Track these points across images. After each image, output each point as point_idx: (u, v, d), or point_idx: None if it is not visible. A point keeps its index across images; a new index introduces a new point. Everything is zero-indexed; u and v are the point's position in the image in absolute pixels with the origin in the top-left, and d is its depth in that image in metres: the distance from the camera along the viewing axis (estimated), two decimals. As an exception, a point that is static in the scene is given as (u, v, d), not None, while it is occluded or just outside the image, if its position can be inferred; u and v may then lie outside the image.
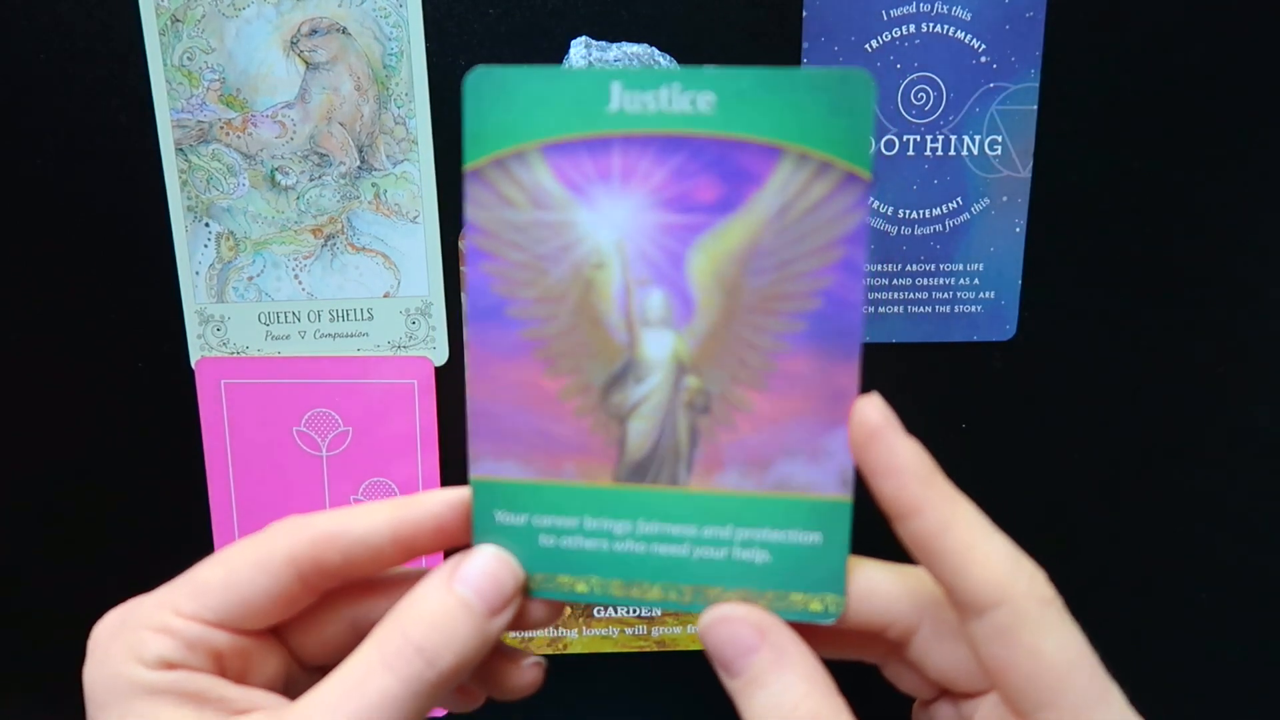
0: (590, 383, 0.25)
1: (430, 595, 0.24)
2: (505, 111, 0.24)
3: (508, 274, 0.25)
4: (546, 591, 0.26)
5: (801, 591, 0.25)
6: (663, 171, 0.24)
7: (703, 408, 0.25)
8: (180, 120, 0.45)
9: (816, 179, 0.24)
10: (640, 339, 0.25)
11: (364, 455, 0.49)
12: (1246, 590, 0.53)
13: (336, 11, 0.44)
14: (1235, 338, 0.50)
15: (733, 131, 0.24)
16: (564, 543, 0.26)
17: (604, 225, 0.24)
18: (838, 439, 0.25)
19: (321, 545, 0.24)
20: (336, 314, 0.48)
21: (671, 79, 0.24)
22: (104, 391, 0.48)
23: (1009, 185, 0.47)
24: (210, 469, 0.49)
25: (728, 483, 0.25)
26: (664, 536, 0.25)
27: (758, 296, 0.24)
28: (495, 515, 0.26)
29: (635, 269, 0.25)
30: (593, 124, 0.24)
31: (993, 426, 0.50)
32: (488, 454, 0.26)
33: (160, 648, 0.23)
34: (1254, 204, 0.48)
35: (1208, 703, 0.55)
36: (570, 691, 0.53)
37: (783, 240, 0.24)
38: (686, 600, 0.26)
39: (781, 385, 0.25)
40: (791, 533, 0.25)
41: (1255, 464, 0.52)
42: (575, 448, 0.25)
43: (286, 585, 0.24)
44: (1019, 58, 0.46)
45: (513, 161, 0.24)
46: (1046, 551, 0.53)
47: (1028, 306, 0.49)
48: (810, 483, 0.25)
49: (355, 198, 0.46)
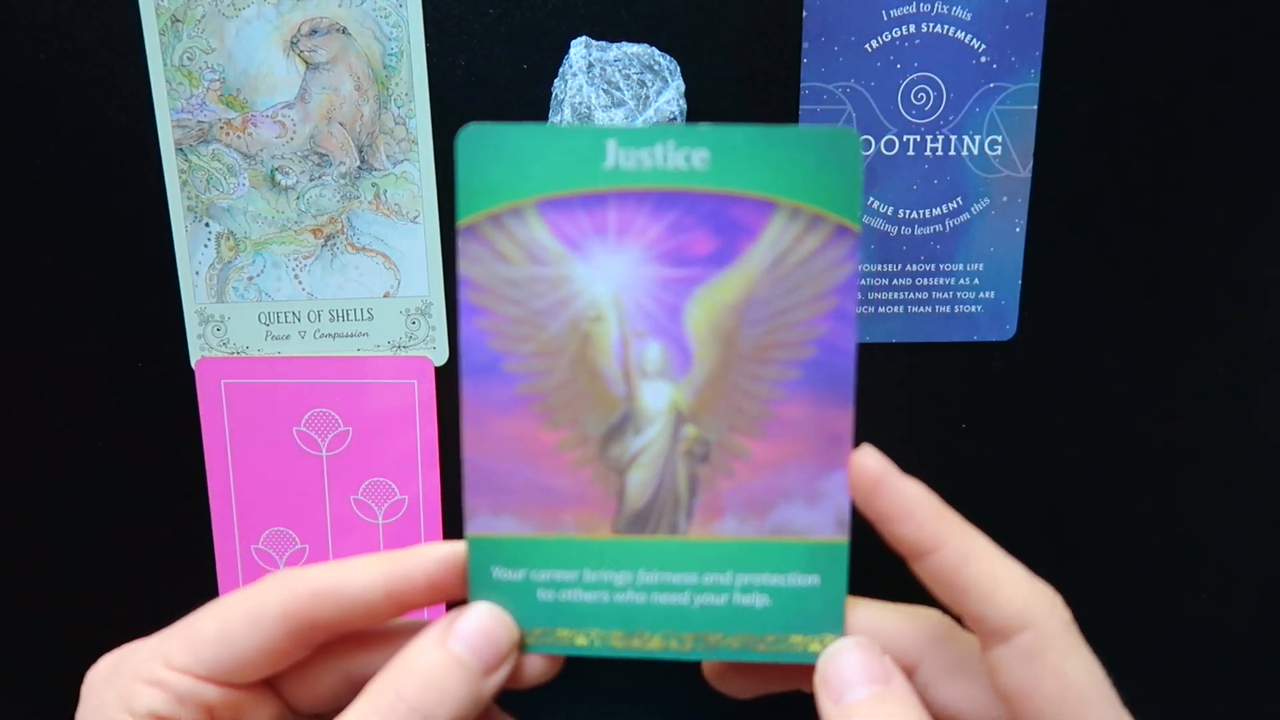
0: (589, 434, 0.25)
1: (425, 653, 0.24)
2: (500, 168, 0.24)
3: (504, 329, 0.25)
4: (545, 646, 0.26)
5: (801, 634, 0.26)
6: (658, 226, 0.25)
7: (701, 456, 0.25)
8: (180, 120, 0.45)
9: (809, 232, 0.24)
10: (638, 390, 0.25)
11: (364, 455, 0.49)
12: (1246, 590, 0.53)
13: (336, 11, 0.44)
14: (1235, 338, 0.50)
15: (726, 187, 0.24)
16: (563, 596, 0.26)
17: (600, 279, 0.25)
18: (834, 482, 0.25)
19: (315, 600, 0.24)
20: (336, 314, 0.48)
21: (666, 136, 0.24)
22: (104, 391, 0.48)
23: (1009, 185, 0.47)
24: (210, 469, 0.49)
25: (727, 529, 0.25)
26: (664, 586, 0.26)
27: (753, 346, 0.25)
28: (492, 572, 0.26)
29: (632, 321, 0.25)
30: (588, 180, 0.24)
31: (993, 426, 0.50)
32: (484, 510, 0.26)
33: (151, 701, 0.23)
34: (1254, 204, 0.48)
35: (1208, 703, 0.55)
36: (570, 691, 0.53)
37: (777, 291, 0.25)
38: (687, 649, 0.26)
39: (778, 432, 0.25)
40: (790, 576, 0.26)
41: (1255, 464, 0.52)
42: (574, 500, 0.26)
43: (278, 640, 0.24)
44: (1019, 58, 0.46)
45: (508, 217, 0.25)
46: (1047, 552, 0.53)
47: (1028, 306, 0.49)
48: (808, 526, 0.25)
49: (355, 198, 0.46)
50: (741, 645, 0.26)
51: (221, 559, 0.50)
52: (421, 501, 0.50)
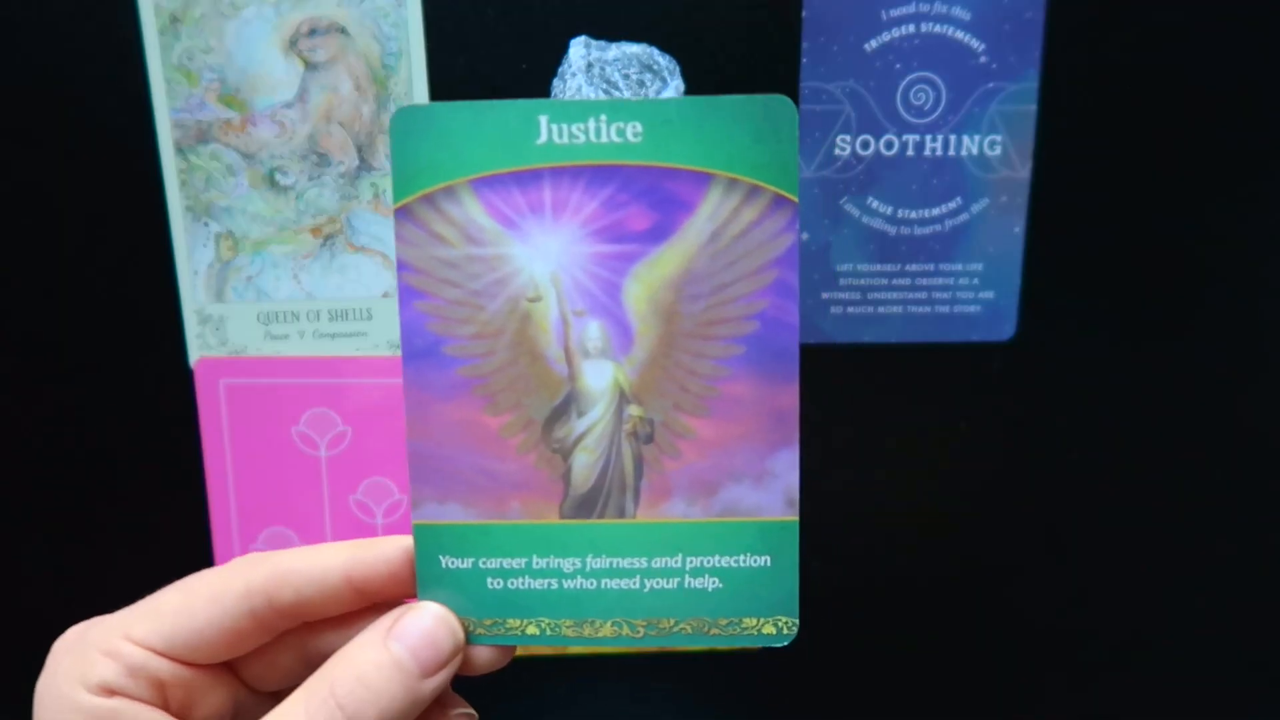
0: (532, 417, 0.25)
1: (363, 650, 0.24)
2: (433, 148, 0.24)
3: (443, 311, 0.25)
4: (495, 637, 0.26)
5: (754, 616, 0.25)
6: (594, 202, 0.24)
7: (647, 437, 0.25)
8: (179, 120, 0.45)
9: (746, 204, 0.24)
10: (580, 370, 0.25)
11: (363, 455, 0.49)
12: (1246, 590, 0.53)
13: (336, 11, 0.44)
14: (1235, 338, 0.50)
15: (661, 160, 0.24)
16: (512, 584, 0.25)
17: (538, 258, 0.25)
18: (782, 460, 0.25)
19: (276, 581, 0.24)
20: (336, 314, 0.48)
21: (599, 110, 0.24)
22: (104, 391, 0.48)
23: (1009, 185, 0.47)
24: (210, 469, 0.49)
25: (675, 511, 0.25)
26: (614, 571, 0.25)
27: (695, 322, 0.25)
28: (440, 560, 0.25)
29: (571, 300, 0.25)
30: (522, 157, 0.24)
31: (993, 426, 0.50)
32: (430, 497, 0.25)
33: (104, 672, 0.24)
34: (1254, 204, 0.48)
35: (1208, 702, 0.55)
36: (570, 692, 0.53)
37: (716, 265, 0.24)
38: (639, 634, 0.26)
39: (724, 410, 0.25)
40: (741, 557, 0.25)
41: (1255, 464, 0.52)
42: (520, 485, 0.25)
43: (239, 620, 0.24)
44: (1019, 58, 0.45)
45: (442, 198, 0.24)
46: (1046, 551, 0.53)
47: (1028, 306, 0.49)
48: (757, 506, 0.25)
49: (354, 197, 0.46)
50: (694, 630, 0.25)
51: (220, 559, 0.50)
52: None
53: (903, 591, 0.53)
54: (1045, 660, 0.54)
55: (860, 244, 0.47)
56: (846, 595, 0.52)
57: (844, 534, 0.52)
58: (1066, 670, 0.54)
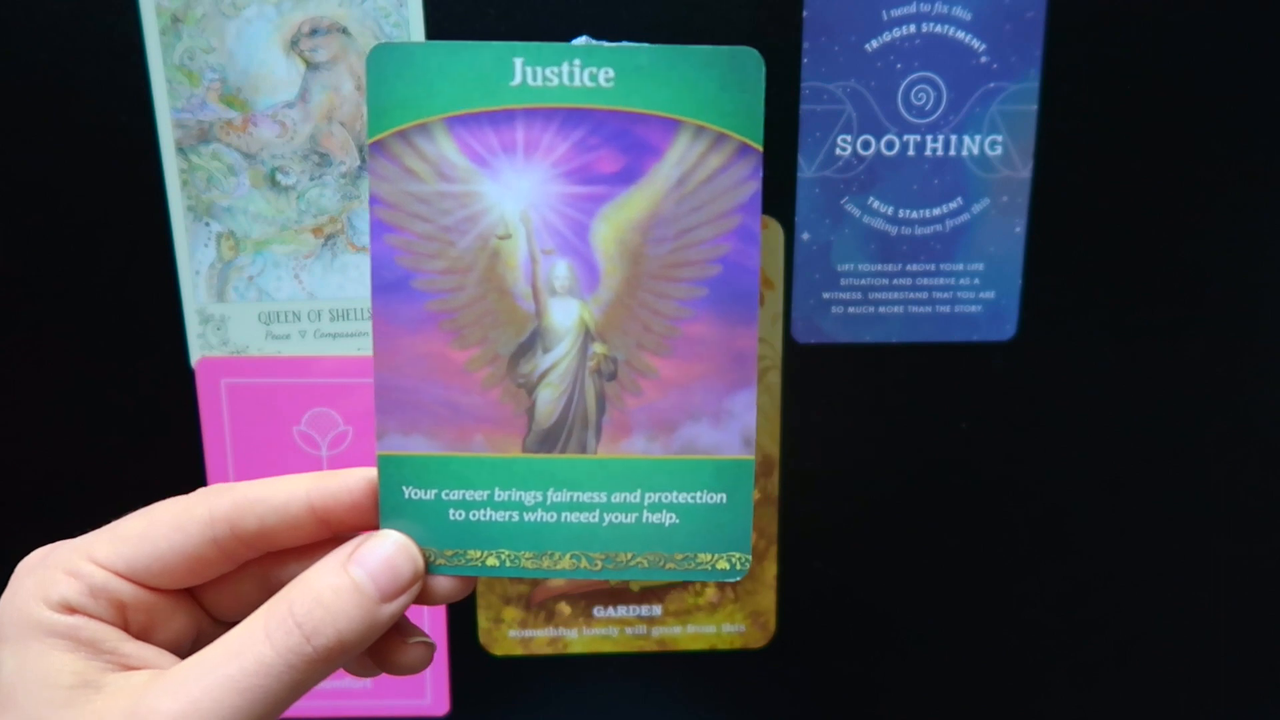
0: (498, 352, 0.26)
1: (324, 574, 0.24)
2: (409, 85, 0.25)
3: (413, 246, 0.25)
4: (456, 568, 0.26)
5: (709, 551, 0.26)
6: (565, 144, 0.25)
7: (610, 374, 0.26)
8: (180, 120, 0.45)
9: (712, 150, 0.25)
10: (547, 308, 0.26)
11: (364, 455, 0.49)
12: (1246, 590, 0.53)
13: (337, 11, 0.44)
14: (1235, 338, 0.50)
15: (632, 105, 0.25)
16: (474, 516, 0.26)
17: (509, 196, 0.25)
18: (740, 401, 0.26)
19: (238, 509, 0.25)
20: (337, 314, 0.48)
21: (573, 55, 0.25)
22: (104, 391, 0.48)
23: (1009, 185, 0.47)
24: (210, 469, 0.49)
25: (635, 448, 0.26)
26: (574, 505, 0.26)
27: (660, 264, 0.25)
28: (403, 491, 0.26)
29: (540, 239, 0.25)
30: (496, 98, 0.25)
31: (993, 426, 0.50)
32: (394, 429, 0.26)
33: (65, 590, 0.24)
34: (1254, 203, 0.48)
35: (1208, 703, 0.55)
36: (570, 691, 0.53)
37: (682, 209, 0.25)
38: (597, 568, 0.26)
39: (685, 350, 0.26)
40: (698, 494, 0.26)
41: (1255, 464, 0.52)
42: (484, 419, 0.26)
43: (200, 546, 0.25)
44: (1019, 58, 0.46)
45: (416, 134, 0.25)
46: (1046, 551, 0.53)
47: (1028, 306, 0.49)
48: (715, 444, 0.26)
49: (356, 197, 0.46)
50: (651, 564, 0.26)
51: (221, 559, 0.50)
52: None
53: (903, 591, 0.53)
54: (1045, 660, 0.54)
55: (861, 244, 0.47)
56: (846, 594, 0.52)
57: (844, 533, 0.52)
58: (1066, 670, 0.54)
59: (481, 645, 0.52)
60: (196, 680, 0.23)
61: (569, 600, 0.51)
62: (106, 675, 0.24)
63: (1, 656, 0.24)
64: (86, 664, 0.23)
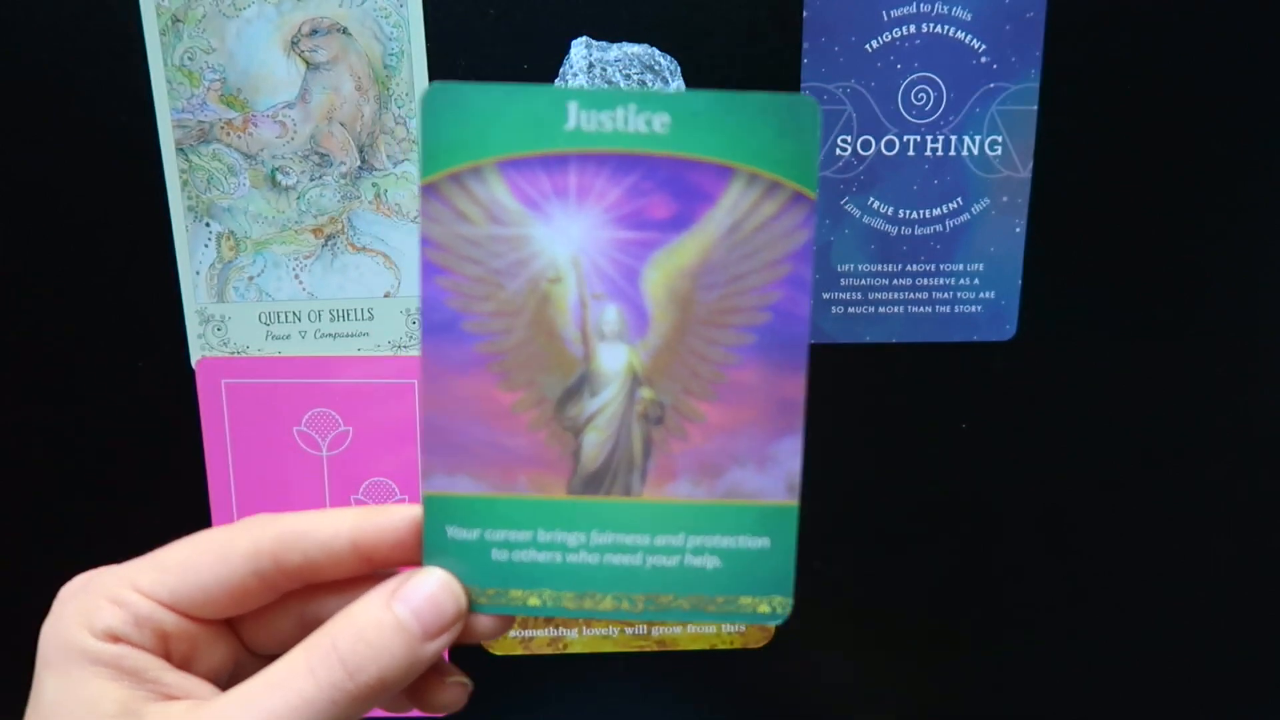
0: (545, 395, 0.26)
1: (368, 609, 0.24)
2: (463, 128, 0.25)
3: (463, 288, 0.25)
4: (498, 606, 0.26)
5: (750, 595, 0.26)
6: (618, 189, 0.25)
7: (656, 419, 0.26)
8: (181, 120, 0.45)
9: (766, 198, 0.25)
10: (595, 352, 0.26)
11: (364, 455, 0.49)
12: (1247, 590, 0.53)
13: (337, 11, 0.44)
14: (1235, 338, 0.50)
15: (686, 152, 0.25)
16: (517, 556, 0.26)
17: (560, 240, 0.25)
18: (785, 447, 0.26)
19: (282, 543, 0.25)
20: (337, 314, 0.48)
21: (628, 100, 0.25)
22: (104, 391, 0.48)
23: (1009, 185, 0.47)
24: (210, 469, 0.49)
25: (680, 492, 0.26)
26: (617, 547, 0.26)
27: (709, 310, 0.25)
28: (447, 531, 0.26)
29: (591, 283, 0.25)
30: (550, 142, 0.25)
31: (993, 426, 0.50)
32: (440, 469, 0.26)
33: (110, 619, 0.24)
34: (1254, 203, 0.48)
35: (1208, 703, 0.55)
36: (570, 691, 0.53)
37: (733, 256, 0.25)
38: (639, 609, 0.26)
39: (732, 396, 0.26)
40: (741, 538, 0.26)
41: (1255, 464, 0.52)
42: (529, 460, 0.26)
43: (243, 578, 0.25)
44: (1019, 58, 0.46)
45: (469, 177, 0.25)
46: (1046, 551, 0.53)
47: (1028, 306, 0.49)
48: (759, 489, 0.26)
49: (356, 198, 0.46)
50: (692, 606, 0.26)
51: (222, 559, 0.50)
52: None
53: (903, 591, 0.53)
54: (1045, 660, 0.54)
55: (861, 244, 0.48)
56: (846, 594, 0.52)
57: (844, 533, 0.52)
58: (1066, 670, 0.54)
59: (481, 645, 0.52)
60: (238, 712, 0.23)
61: (569, 600, 0.51)
62: (148, 705, 0.24)
63: (45, 682, 0.24)
64: (130, 693, 0.24)
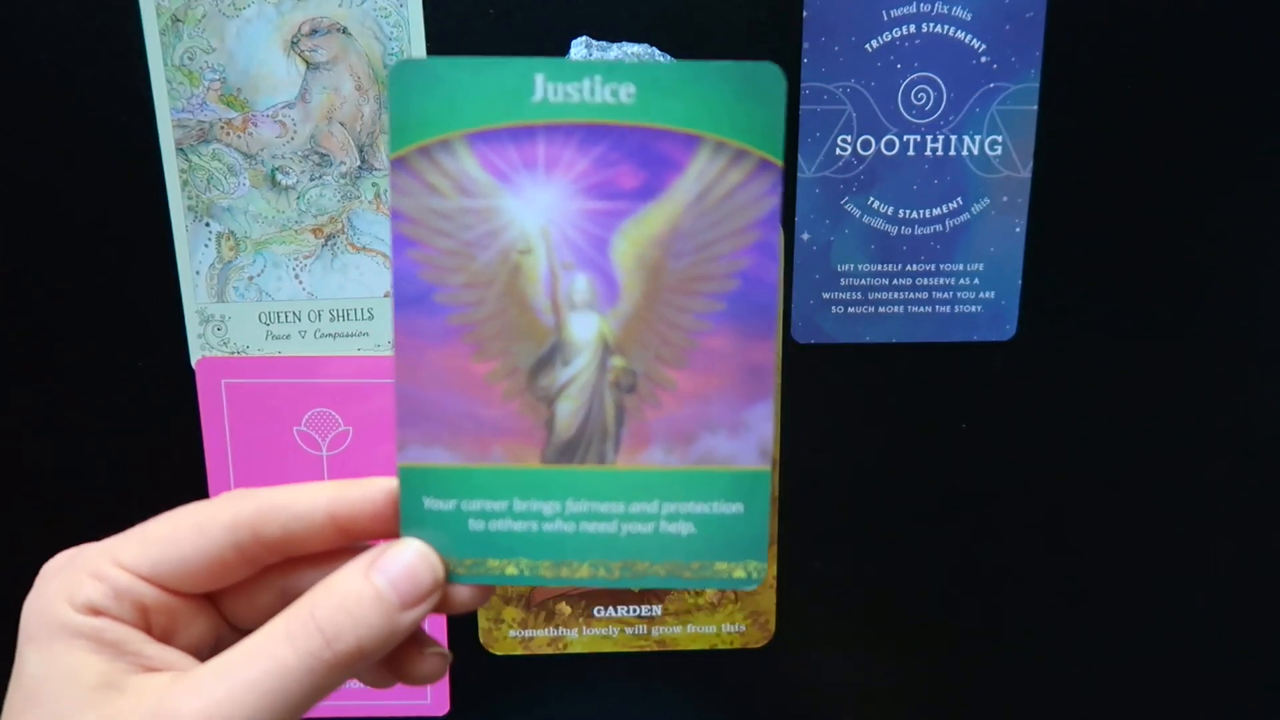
0: (518, 365, 0.26)
1: (346, 579, 0.25)
2: (431, 101, 0.25)
3: (435, 260, 0.26)
4: (476, 576, 0.26)
5: (726, 560, 0.26)
6: (586, 159, 0.25)
7: (628, 387, 0.26)
8: (181, 120, 0.45)
9: (732, 166, 0.25)
10: (567, 322, 0.26)
11: (364, 455, 0.49)
12: (1247, 590, 0.53)
13: (337, 11, 0.44)
14: (1235, 338, 0.50)
15: (653, 121, 0.25)
16: (493, 526, 0.26)
17: (530, 211, 0.25)
18: (757, 413, 0.26)
19: (261, 515, 0.25)
20: (337, 314, 0.48)
21: (594, 71, 0.25)
22: (104, 391, 0.48)
23: (1009, 185, 0.47)
24: (210, 469, 0.49)
25: (653, 459, 0.26)
26: (592, 514, 0.26)
27: (679, 278, 0.26)
28: (424, 502, 0.26)
29: (561, 254, 0.26)
30: (517, 114, 0.25)
31: (993, 426, 0.50)
32: (415, 440, 0.26)
33: (91, 592, 0.24)
34: (1254, 204, 0.48)
35: (1208, 703, 0.55)
36: (570, 691, 0.53)
37: (702, 224, 0.25)
38: (615, 576, 0.26)
39: (703, 363, 0.26)
40: (715, 504, 0.26)
41: (1255, 464, 0.52)
42: (503, 430, 0.26)
43: (222, 550, 0.25)
44: (1019, 58, 0.46)
45: (438, 150, 0.25)
46: (1046, 551, 0.53)
47: (1028, 306, 0.49)
48: (731, 455, 0.26)
49: (356, 197, 0.46)
50: (668, 572, 0.26)
51: (222, 559, 0.50)
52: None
53: (903, 591, 0.53)
54: (1045, 660, 0.54)
55: (861, 244, 0.48)
56: (846, 594, 0.52)
57: (844, 533, 0.52)
58: (1066, 670, 0.54)
59: (482, 645, 0.52)
60: (218, 681, 0.23)
61: (569, 600, 0.51)
62: (129, 676, 0.24)
63: (26, 655, 0.24)
64: (110, 665, 0.24)
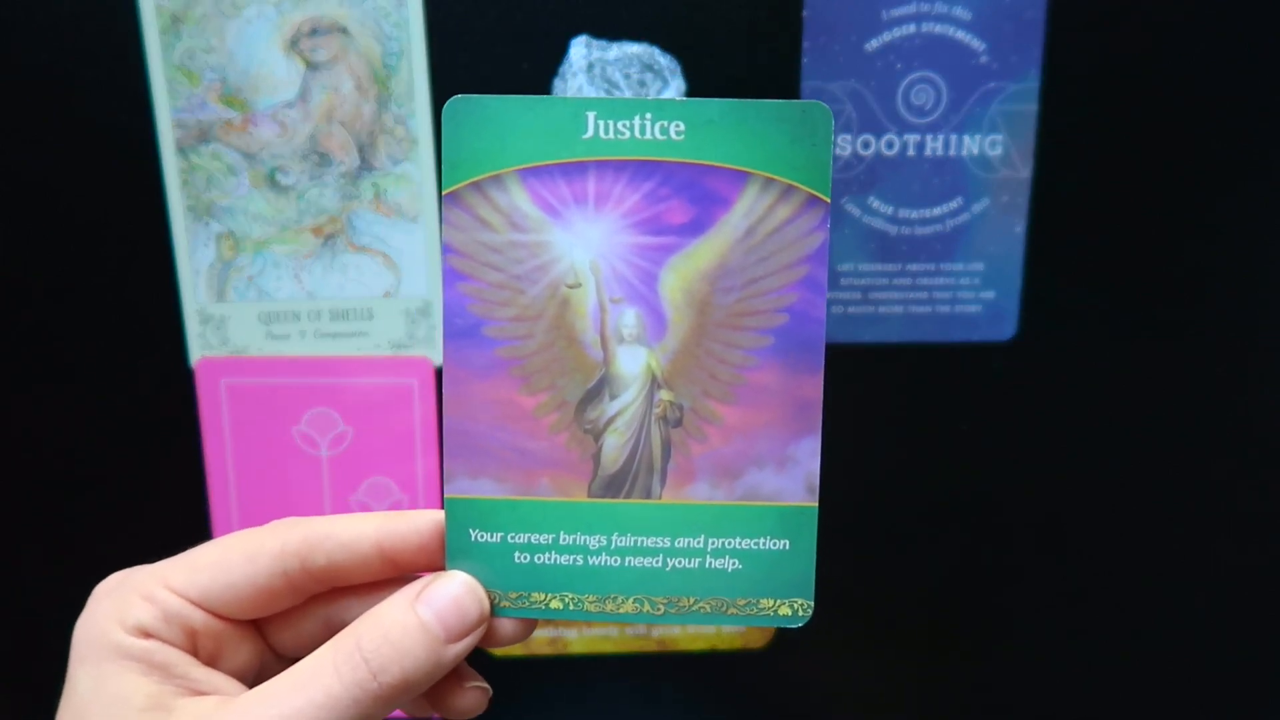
0: (566, 399, 0.26)
1: (392, 611, 0.25)
2: (483, 138, 0.25)
3: (484, 294, 0.26)
4: (520, 610, 0.26)
5: (771, 597, 0.27)
6: (636, 195, 0.25)
7: (675, 421, 0.26)
8: (181, 120, 0.45)
9: (781, 202, 0.25)
10: (615, 355, 0.26)
11: (364, 455, 0.49)
12: (1247, 590, 0.53)
13: (337, 11, 0.44)
14: (1236, 338, 0.50)
15: (702, 158, 0.25)
16: (538, 559, 0.26)
17: (579, 246, 0.26)
18: (804, 448, 0.27)
19: (308, 545, 0.25)
20: (337, 314, 0.48)
21: (644, 108, 0.25)
22: (104, 391, 0.48)
23: (1009, 185, 0.47)
24: (210, 469, 0.49)
25: (699, 494, 0.26)
26: (638, 549, 0.26)
27: (727, 313, 0.26)
28: (470, 534, 0.26)
29: (610, 288, 0.26)
30: (568, 150, 0.25)
31: (993, 427, 0.50)
32: (463, 472, 0.26)
33: (141, 614, 0.25)
34: (1254, 203, 0.48)
35: (1208, 703, 0.55)
36: (570, 692, 0.53)
37: (750, 260, 0.26)
38: (659, 612, 0.26)
39: (750, 398, 0.26)
40: (761, 540, 0.27)
41: (1255, 464, 0.52)
42: (550, 463, 0.26)
43: (270, 578, 0.25)
44: (1019, 58, 0.46)
45: (490, 185, 0.26)
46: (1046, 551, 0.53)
47: (1028, 306, 0.49)
48: (778, 491, 0.27)
49: (355, 197, 0.46)
50: (713, 609, 0.26)
51: (221, 559, 0.50)
52: (421, 501, 0.50)
53: (903, 591, 0.53)
54: (1045, 660, 0.54)
55: (861, 244, 0.47)
56: (847, 594, 0.52)
57: (844, 533, 0.52)
58: (1066, 670, 0.54)
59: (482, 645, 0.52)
60: (264, 709, 0.23)
61: (569, 600, 0.51)
62: (177, 699, 0.24)
63: (77, 675, 0.24)
64: (159, 687, 0.24)
